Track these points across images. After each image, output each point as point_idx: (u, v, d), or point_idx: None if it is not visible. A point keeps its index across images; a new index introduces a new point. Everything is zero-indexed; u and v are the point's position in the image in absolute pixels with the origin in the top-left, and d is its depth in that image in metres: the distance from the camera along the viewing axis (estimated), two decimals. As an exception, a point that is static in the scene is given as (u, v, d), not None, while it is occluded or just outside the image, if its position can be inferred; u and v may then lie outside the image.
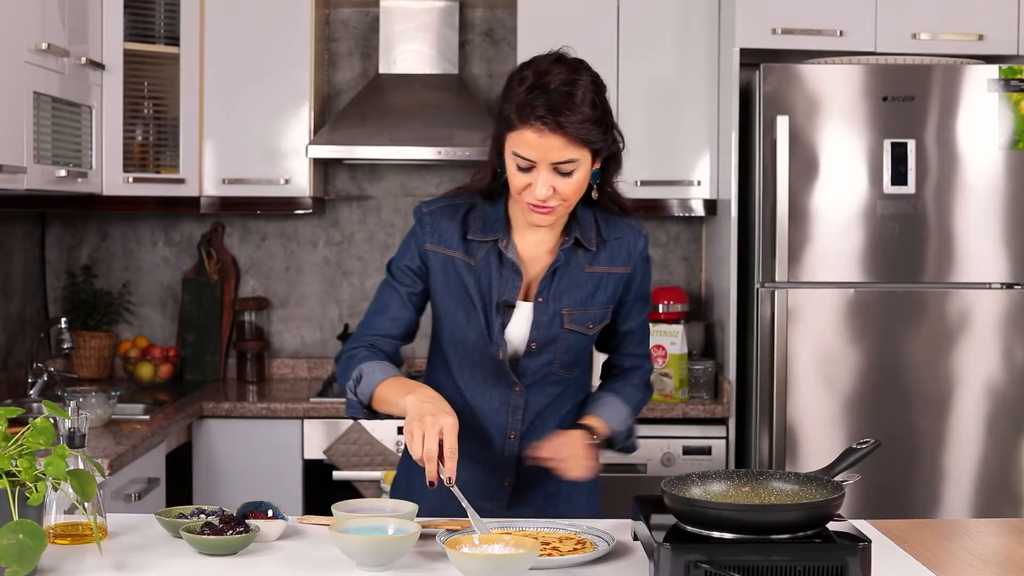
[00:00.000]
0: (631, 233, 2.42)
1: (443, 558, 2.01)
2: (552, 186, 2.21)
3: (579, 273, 2.37)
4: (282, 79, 4.21)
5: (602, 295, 2.39)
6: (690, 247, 4.61)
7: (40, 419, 1.94)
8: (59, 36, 3.60)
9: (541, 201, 2.23)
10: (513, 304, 2.34)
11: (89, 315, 4.46)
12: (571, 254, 2.37)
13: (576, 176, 2.23)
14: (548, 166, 2.20)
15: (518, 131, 2.20)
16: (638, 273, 2.43)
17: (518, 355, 2.37)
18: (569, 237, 2.35)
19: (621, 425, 2.44)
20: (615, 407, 2.45)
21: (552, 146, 2.18)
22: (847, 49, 3.91)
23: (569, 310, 2.36)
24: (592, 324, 2.39)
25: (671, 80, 4.20)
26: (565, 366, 2.40)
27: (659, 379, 4.05)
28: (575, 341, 2.38)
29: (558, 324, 2.35)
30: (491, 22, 4.59)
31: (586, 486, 2.46)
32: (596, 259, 2.38)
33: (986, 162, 3.77)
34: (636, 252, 2.41)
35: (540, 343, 2.36)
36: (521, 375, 2.37)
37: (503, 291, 2.34)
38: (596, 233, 2.38)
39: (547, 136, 2.18)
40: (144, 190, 4.10)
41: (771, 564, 1.78)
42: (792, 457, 3.77)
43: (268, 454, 3.97)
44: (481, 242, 2.35)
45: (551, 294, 2.35)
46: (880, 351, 3.78)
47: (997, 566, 2.05)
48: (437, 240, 2.36)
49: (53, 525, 2.09)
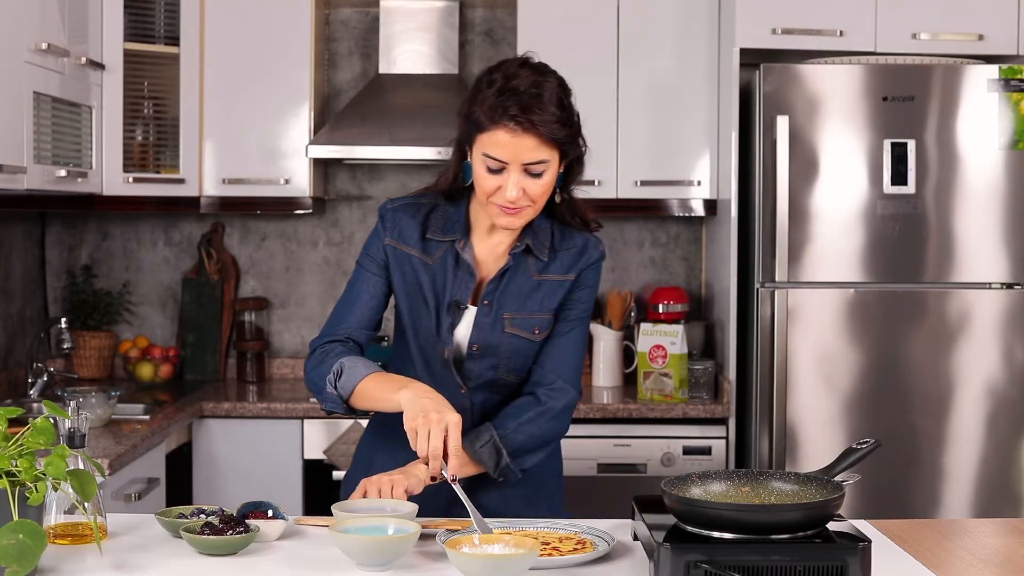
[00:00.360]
0: (587, 245, 2.42)
1: (443, 558, 2.01)
2: (522, 187, 2.25)
3: (526, 280, 2.38)
4: (282, 79, 4.21)
5: (549, 302, 2.39)
6: (690, 247, 4.61)
7: (40, 419, 1.94)
8: (59, 36, 3.60)
9: (511, 203, 2.25)
10: (464, 305, 2.36)
11: (89, 315, 4.46)
12: (522, 260, 2.38)
13: (545, 177, 2.27)
14: (519, 167, 2.24)
15: (489, 132, 2.23)
16: (582, 283, 2.41)
17: (462, 357, 2.38)
18: (521, 243, 2.36)
19: (489, 457, 2.33)
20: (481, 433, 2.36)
21: (524, 146, 2.22)
22: (847, 49, 3.91)
23: (511, 314, 2.36)
24: (538, 330, 2.38)
25: (671, 80, 4.20)
26: (512, 371, 2.40)
27: (659, 379, 4.05)
28: (519, 346, 2.38)
29: (500, 328, 2.36)
30: (491, 22, 4.59)
31: (544, 490, 2.46)
32: (547, 268, 2.39)
33: (986, 162, 3.77)
34: (584, 261, 2.40)
35: (481, 346, 2.37)
36: (465, 377, 2.38)
37: (455, 291, 2.36)
38: (550, 243, 2.39)
39: (519, 136, 2.22)
40: (144, 190, 4.10)
41: (771, 564, 1.78)
42: (792, 457, 3.77)
43: (268, 454, 3.97)
44: (439, 242, 2.38)
45: (496, 297, 2.36)
46: (880, 351, 3.78)
47: (997, 566, 2.05)
48: (397, 237, 2.39)
49: (53, 525, 2.09)
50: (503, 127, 2.22)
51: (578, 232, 2.43)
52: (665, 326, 4.09)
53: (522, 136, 2.22)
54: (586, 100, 4.16)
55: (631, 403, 3.99)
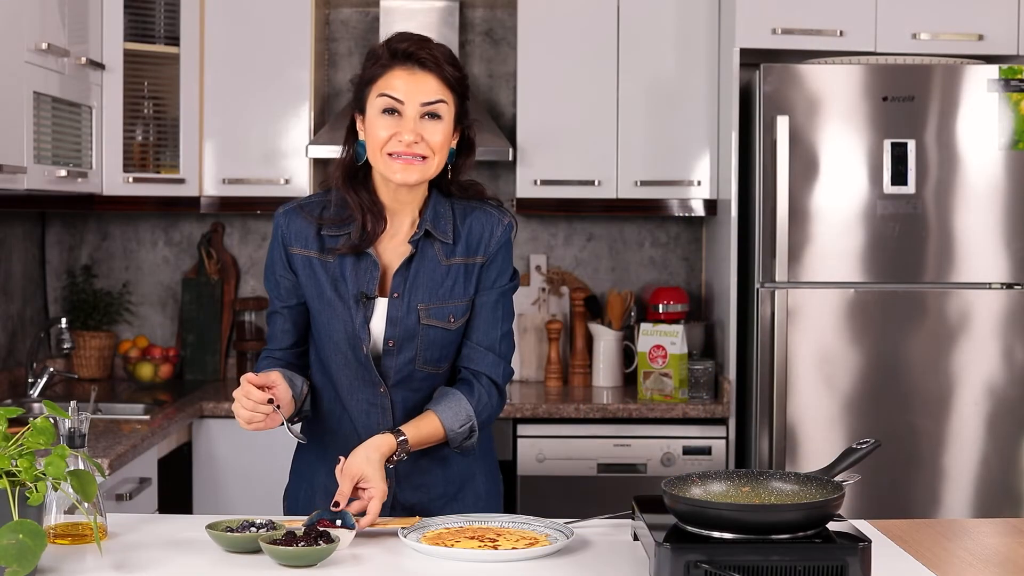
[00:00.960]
0: (490, 221, 2.37)
1: (398, 552, 2.01)
2: (420, 133, 2.24)
3: (436, 266, 2.33)
4: (282, 79, 4.21)
5: (461, 288, 2.34)
6: (690, 247, 4.61)
7: (40, 419, 1.94)
8: (59, 36, 3.60)
9: (408, 147, 2.23)
10: (372, 296, 2.32)
11: (89, 315, 4.46)
12: (426, 246, 2.34)
13: (443, 125, 2.26)
14: (416, 108, 2.24)
15: (385, 77, 2.25)
16: (493, 260, 2.36)
17: (379, 353, 2.34)
18: (420, 229, 2.32)
19: (458, 424, 2.33)
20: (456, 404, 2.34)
21: (422, 85, 2.24)
22: (847, 49, 3.91)
23: (425, 305, 2.33)
24: (453, 318, 2.35)
25: (671, 80, 4.20)
26: (430, 363, 2.36)
27: (659, 379, 4.05)
28: (436, 336, 2.34)
29: (414, 319, 2.32)
30: (491, 22, 4.59)
31: (473, 490, 2.45)
32: (453, 252, 2.35)
33: (986, 162, 3.77)
34: (493, 240, 2.36)
35: (397, 340, 2.33)
36: (384, 375, 2.35)
37: (361, 283, 2.32)
38: (452, 224, 2.34)
39: (416, 74, 2.24)
40: (144, 190, 4.10)
41: (771, 564, 1.78)
42: (792, 457, 3.77)
43: (268, 454, 3.96)
44: (336, 236, 2.34)
45: (406, 288, 2.33)
46: (880, 351, 3.78)
47: (997, 566, 2.05)
48: (294, 241, 2.36)
49: (53, 525, 2.08)
50: (399, 66, 2.25)
51: (482, 208, 2.37)
52: (665, 326, 4.09)
53: (419, 74, 2.24)
54: (586, 100, 4.20)
55: (631, 403, 3.99)
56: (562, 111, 4.19)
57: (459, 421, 2.32)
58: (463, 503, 2.43)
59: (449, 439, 2.33)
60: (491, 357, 2.38)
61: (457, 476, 2.43)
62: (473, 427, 2.34)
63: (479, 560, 2.00)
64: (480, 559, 2.00)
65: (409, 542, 2.05)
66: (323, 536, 2.01)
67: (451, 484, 2.43)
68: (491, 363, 2.38)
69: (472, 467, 2.46)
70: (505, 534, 2.11)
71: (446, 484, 2.42)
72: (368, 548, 2.09)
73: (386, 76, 2.25)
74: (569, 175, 4.19)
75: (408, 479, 2.40)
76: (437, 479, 2.41)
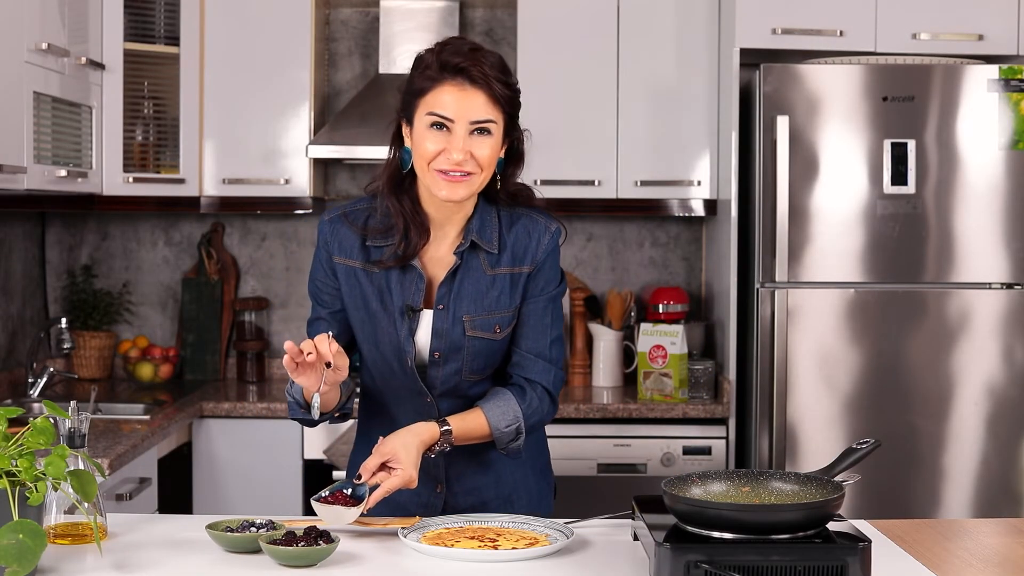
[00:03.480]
0: (536, 228, 2.33)
1: (397, 552, 2.01)
2: (469, 150, 2.19)
3: (481, 277, 2.30)
4: (282, 79, 4.21)
5: (507, 298, 2.31)
6: (690, 247, 4.61)
7: (40, 419, 1.94)
8: (59, 36, 3.60)
9: (456, 165, 2.19)
10: (418, 308, 2.29)
11: (89, 315, 4.46)
12: (471, 257, 2.30)
13: (492, 141, 2.21)
14: (466, 126, 2.19)
15: (434, 92, 2.20)
16: (540, 268, 2.33)
17: (425, 364, 2.32)
18: (465, 240, 2.29)
19: (504, 424, 2.31)
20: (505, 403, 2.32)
21: (471, 103, 2.19)
22: (847, 49, 3.91)
23: (471, 316, 2.30)
24: (499, 328, 2.31)
25: (671, 80, 4.20)
26: (476, 372, 2.33)
27: (659, 379, 4.05)
28: (482, 347, 2.31)
29: (460, 331, 2.29)
30: (491, 22, 4.59)
31: (527, 492, 2.43)
32: (499, 261, 2.31)
33: (986, 162, 3.77)
34: (540, 249, 2.32)
35: (444, 352, 2.30)
36: (430, 386, 2.32)
37: (406, 295, 2.30)
38: (498, 234, 2.31)
39: (467, 91, 2.19)
40: (144, 190, 4.10)
41: (771, 564, 1.78)
42: (792, 457, 3.77)
43: (268, 454, 3.97)
44: (380, 247, 2.30)
45: (451, 300, 2.30)
46: (880, 351, 3.78)
47: (997, 566, 2.05)
48: (338, 250, 2.32)
49: (53, 525, 2.09)
50: (449, 82, 2.19)
51: (528, 215, 2.34)
52: (665, 326, 4.09)
53: (469, 90, 2.19)
54: (586, 100, 4.20)
55: (631, 403, 3.99)
56: (562, 111, 4.19)
57: (506, 421, 2.30)
58: (515, 508, 2.40)
59: (495, 438, 2.30)
60: (541, 364, 2.35)
61: (508, 480, 2.41)
62: (520, 429, 2.31)
63: (479, 560, 2.00)
64: (480, 559, 2.00)
65: (409, 542, 2.05)
66: (323, 536, 2.01)
67: (503, 487, 2.41)
68: (541, 370, 2.35)
69: (524, 470, 2.43)
70: (505, 534, 2.11)
71: (498, 487, 2.40)
72: (368, 548, 2.09)
73: (435, 91, 2.20)
74: (569, 175, 4.19)
75: (459, 482, 2.38)
76: (488, 483, 2.39)
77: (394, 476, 2.16)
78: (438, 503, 2.38)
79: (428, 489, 2.37)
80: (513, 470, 2.42)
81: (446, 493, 2.38)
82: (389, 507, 2.35)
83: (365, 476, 2.17)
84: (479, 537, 2.09)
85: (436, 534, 2.11)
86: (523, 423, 2.31)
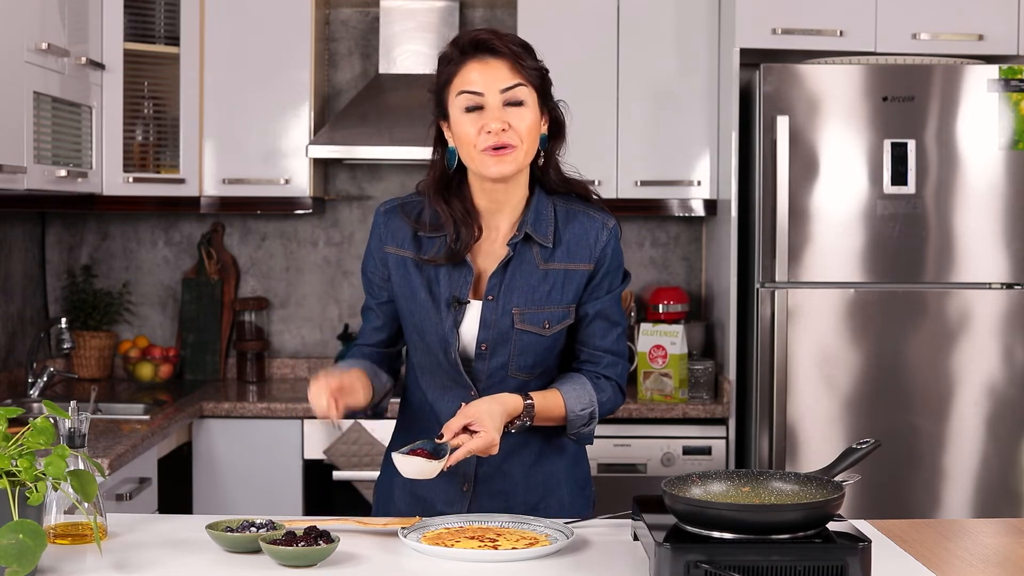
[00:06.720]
0: (593, 226, 2.33)
1: (399, 552, 2.01)
2: (506, 121, 2.22)
3: (533, 270, 2.30)
4: (282, 79, 4.22)
5: (559, 294, 2.30)
6: (690, 247, 4.61)
7: (40, 419, 1.94)
8: (59, 36, 3.60)
9: (497, 140, 2.21)
10: (465, 300, 2.29)
11: (89, 315, 4.46)
12: (524, 250, 2.30)
13: (527, 111, 2.24)
14: (496, 96, 2.22)
15: (460, 75, 2.24)
16: (602, 266, 2.33)
17: (471, 357, 2.31)
18: (519, 232, 2.29)
19: (580, 407, 2.31)
20: (581, 387, 2.33)
21: (497, 73, 2.22)
22: (847, 49, 3.92)
23: (520, 309, 2.29)
24: (549, 324, 2.30)
25: (671, 80, 4.20)
26: (523, 369, 2.31)
27: (659, 379, 4.05)
28: (530, 342, 2.30)
29: (508, 323, 2.28)
30: (491, 22, 4.59)
31: (558, 503, 2.40)
32: (552, 256, 2.31)
33: (986, 162, 3.77)
34: (599, 246, 2.32)
35: (490, 344, 2.29)
36: (475, 378, 2.31)
37: (454, 287, 2.30)
38: (553, 228, 2.31)
39: (490, 63, 2.23)
40: (144, 190, 4.10)
41: (771, 564, 1.78)
42: (792, 457, 3.77)
43: (268, 454, 3.97)
44: (432, 238, 2.32)
45: (501, 291, 2.29)
46: (880, 351, 3.78)
47: (997, 566, 2.05)
48: (391, 240, 2.35)
49: (53, 525, 2.09)
50: (471, 60, 2.23)
51: (583, 211, 2.34)
52: (665, 326, 4.09)
53: (492, 62, 2.23)
54: (586, 100, 4.20)
55: (631, 403, 3.98)
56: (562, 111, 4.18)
57: (581, 404, 2.30)
58: (544, 515, 2.34)
59: (568, 420, 2.30)
60: (608, 359, 2.36)
61: (540, 485, 2.38)
62: (594, 413, 2.32)
63: (479, 560, 2.00)
64: (480, 559, 2.00)
65: (409, 542, 2.05)
66: (323, 536, 2.01)
67: (532, 493, 2.38)
68: (609, 363, 2.37)
69: (558, 475, 2.40)
70: (505, 534, 2.11)
71: (527, 492, 2.37)
72: (368, 548, 2.09)
73: (461, 73, 2.24)
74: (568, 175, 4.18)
75: (487, 483, 2.36)
76: (518, 487, 2.37)
77: (476, 438, 2.15)
78: (464, 501, 2.35)
79: (455, 487, 2.35)
80: (546, 479, 2.39)
81: (472, 492, 2.36)
82: (413, 501, 2.34)
83: (448, 435, 2.16)
84: (479, 537, 2.09)
85: (436, 534, 2.11)
86: (597, 408, 2.32)
